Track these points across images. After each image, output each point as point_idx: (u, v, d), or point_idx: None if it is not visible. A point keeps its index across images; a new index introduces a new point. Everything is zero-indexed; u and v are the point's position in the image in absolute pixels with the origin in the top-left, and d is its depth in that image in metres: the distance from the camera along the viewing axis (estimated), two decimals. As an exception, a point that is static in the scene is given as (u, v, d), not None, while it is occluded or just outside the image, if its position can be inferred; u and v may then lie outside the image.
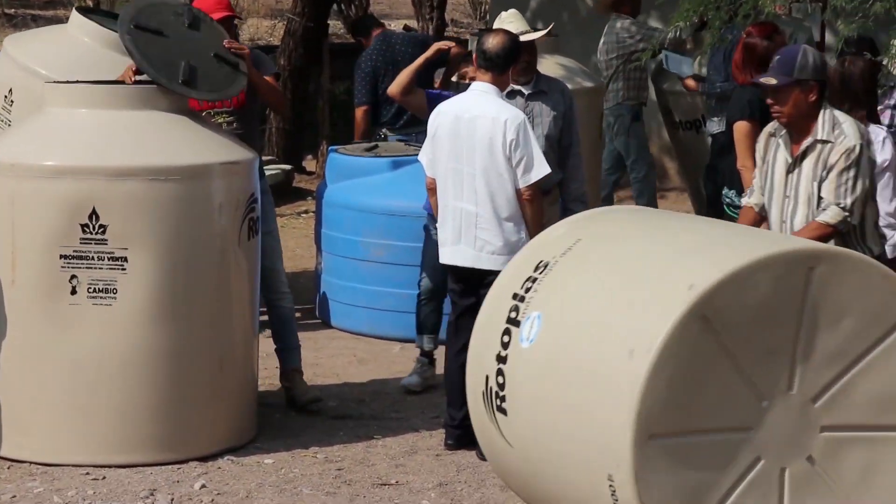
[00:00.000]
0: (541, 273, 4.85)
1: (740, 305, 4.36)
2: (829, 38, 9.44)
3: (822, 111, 5.45)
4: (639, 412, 4.28)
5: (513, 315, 4.84)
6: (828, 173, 5.40)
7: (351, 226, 8.13)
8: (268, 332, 7.08)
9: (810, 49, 5.50)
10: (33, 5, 22.54)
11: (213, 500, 5.57)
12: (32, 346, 5.89)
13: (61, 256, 5.80)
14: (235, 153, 6.18)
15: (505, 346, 4.82)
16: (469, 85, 6.58)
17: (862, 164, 5.39)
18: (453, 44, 6.98)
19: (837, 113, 5.49)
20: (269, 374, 7.05)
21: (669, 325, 4.30)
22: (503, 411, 4.84)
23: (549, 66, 8.74)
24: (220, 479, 5.80)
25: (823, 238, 5.33)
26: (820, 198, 5.42)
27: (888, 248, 6.07)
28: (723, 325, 4.35)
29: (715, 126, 8.87)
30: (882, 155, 5.97)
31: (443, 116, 6.16)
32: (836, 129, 5.43)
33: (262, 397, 6.56)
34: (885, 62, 6.51)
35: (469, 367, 5.10)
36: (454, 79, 7.32)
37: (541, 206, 6.09)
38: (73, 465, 5.84)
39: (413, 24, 13.79)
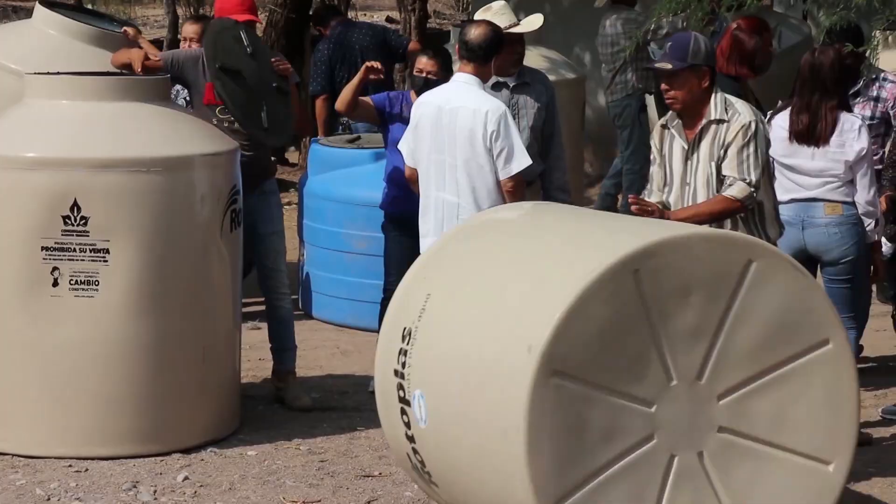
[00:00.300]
0: (408, 343, 4.80)
1: (676, 273, 4.33)
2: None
3: (713, 95, 5.47)
4: (545, 350, 4.23)
5: (401, 394, 4.81)
6: (725, 151, 5.41)
7: (333, 217, 8.12)
8: (251, 323, 7.07)
9: (701, 36, 5.54)
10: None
11: (196, 492, 5.56)
12: (14, 338, 5.87)
13: (43, 248, 5.78)
14: (217, 144, 6.16)
15: (408, 425, 4.80)
16: (424, 79, 6.60)
17: (760, 139, 5.42)
18: (378, 65, 6.95)
19: (728, 95, 5.52)
20: (252, 367, 7.04)
21: (601, 269, 4.26)
22: (435, 484, 4.87)
23: (532, 57, 8.73)
24: (203, 470, 5.78)
25: (727, 212, 5.36)
26: (721, 178, 5.41)
27: (869, 234, 6.10)
28: (653, 286, 4.32)
29: None
30: (859, 143, 5.99)
31: (424, 107, 6.15)
32: (730, 109, 5.45)
33: (245, 389, 6.56)
34: (867, 53, 6.50)
35: (392, 446, 5.10)
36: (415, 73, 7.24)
37: (523, 198, 6.08)
38: (56, 458, 5.82)
39: (395, 15, 13.78)
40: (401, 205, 6.61)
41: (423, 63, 6.76)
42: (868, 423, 6.37)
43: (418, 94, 6.71)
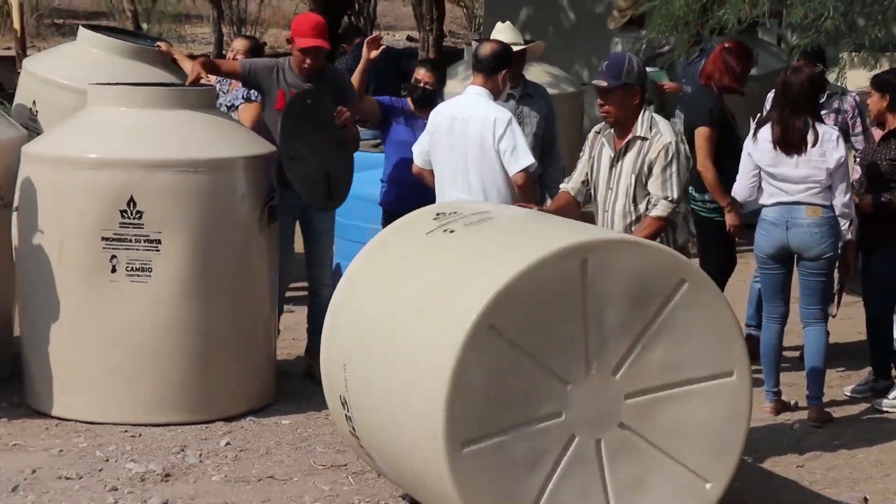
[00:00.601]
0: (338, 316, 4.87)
1: (526, 307, 4.23)
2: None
3: (642, 112, 5.44)
4: (446, 425, 4.16)
5: (343, 378, 4.81)
6: (650, 170, 5.38)
7: (360, 214, 8.11)
8: (285, 308, 7.08)
9: (635, 57, 5.50)
10: (79, 15, 22.52)
11: (236, 455, 5.58)
12: (78, 319, 5.89)
13: (103, 239, 5.80)
14: (258, 148, 6.18)
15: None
16: (422, 89, 6.64)
17: (680, 158, 5.38)
18: (380, 36, 6.90)
19: (655, 115, 5.49)
20: (286, 346, 7.05)
21: (458, 345, 4.16)
22: (357, 437, 4.82)
23: (536, 72, 8.76)
24: (242, 437, 5.81)
25: (658, 231, 5.34)
26: (645, 192, 5.38)
27: (845, 233, 6.11)
28: (513, 328, 4.23)
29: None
30: (837, 153, 5.99)
31: (440, 117, 6.17)
32: (654, 128, 5.42)
33: (280, 366, 6.57)
34: (835, 72, 6.51)
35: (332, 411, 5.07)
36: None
37: (533, 191, 6.09)
38: (113, 424, 5.85)
39: (415, 34, 13.77)
40: (399, 202, 6.58)
41: (421, 74, 6.83)
42: (834, 402, 6.39)
43: (414, 101, 6.79)
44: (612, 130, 5.51)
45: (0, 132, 6.40)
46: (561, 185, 5.79)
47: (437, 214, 4.95)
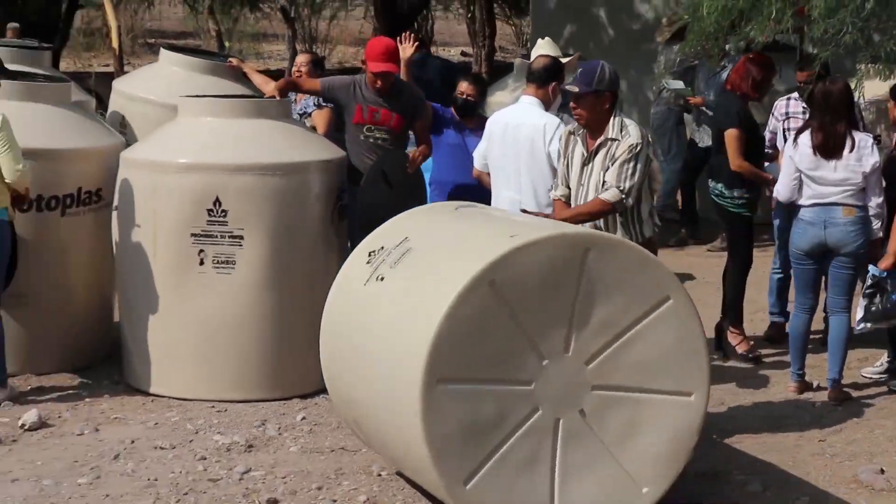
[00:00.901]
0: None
1: (526, 276, 4.16)
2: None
3: (613, 116, 5.32)
4: (428, 361, 4.08)
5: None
6: (613, 162, 5.27)
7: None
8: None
9: (607, 66, 5.37)
10: (168, 35, 22.69)
11: (311, 429, 5.58)
12: (170, 307, 5.92)
13: (191, 235, 5.82)
14: (328, 153, 6.17)
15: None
16: (464, 100, 6.68)
17: (640, 158, 5.26)
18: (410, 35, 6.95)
19: (625, 119, 5.38)
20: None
21: (458, 290, 4.10)
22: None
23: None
24: (317, 412, 5.80)
25: (601, 212, 5.24)
26: (603, 182, 5.29)
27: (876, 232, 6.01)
28: (511, 289, 4.15)
29: (707, 138, 8.74)
30: (872, 158, 5.92)
31: (495, 124, 6.13)
32: (623, 130, 5.30)
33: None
34: (853, 82, 6.42)
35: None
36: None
37: None
38: (201, 400, 5.87)
39: (469, 49, 13.74)
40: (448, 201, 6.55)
41: (464, 87, 6.84)
42: (854, 385, 6.28)
43: (457, 110, 6.78)
44: (585, 131, 5.43)
45: (103, 140, 6.44)
46: (551, 194, 5.67)
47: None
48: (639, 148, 5.27)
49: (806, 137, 6.01)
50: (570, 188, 5.49)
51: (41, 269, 6.13)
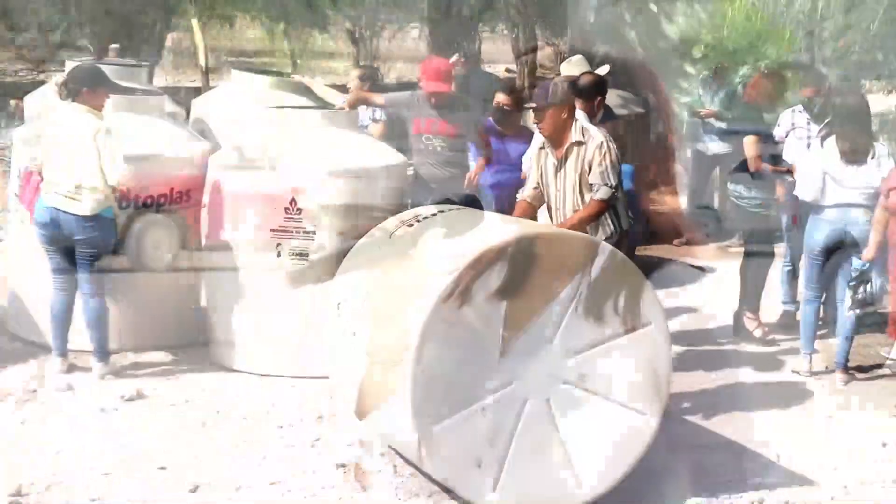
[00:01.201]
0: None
1: (526, 262, 4.12)
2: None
3: (574, 123, 5.24)
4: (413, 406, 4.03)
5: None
6: (589, 166, 5.18)
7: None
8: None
9: (561, 82, 5.31)
10: (248, 54, 22.83)
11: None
12: (253, 292, 5.97)
13: (270, 230, 5.87)
14: (391, 159, 6.20)
15: None
16: (501, 110, 6.63)
17: (611, 153, 5.17)
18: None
19: (585, 123, 5.30)
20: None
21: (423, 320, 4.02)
22: None
23: (610, 96, 8.62)
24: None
25: (600, 211, 5.15)
26: (590, 185, 5.17)
27: None
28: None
29: (717, 146, 8.74)
30: (889, 164, 5.88)
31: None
32: (586, 133, 5.23)
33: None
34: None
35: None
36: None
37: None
38: (278, 376, 5.88)
39: (512, 66, 13.73)
40: (499, 203, 6.49)
41: (501, 98, 6.83)
42: (859, 367, 6.22)
43: (495, 120, 6.75)
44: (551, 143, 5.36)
45: (192, 146, 6.52)
46: (518, 196, 5.60)
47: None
48: (605, 145, 5.21)
49: (831, 143, 5.96)
50: (543, 193, 5.39)
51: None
